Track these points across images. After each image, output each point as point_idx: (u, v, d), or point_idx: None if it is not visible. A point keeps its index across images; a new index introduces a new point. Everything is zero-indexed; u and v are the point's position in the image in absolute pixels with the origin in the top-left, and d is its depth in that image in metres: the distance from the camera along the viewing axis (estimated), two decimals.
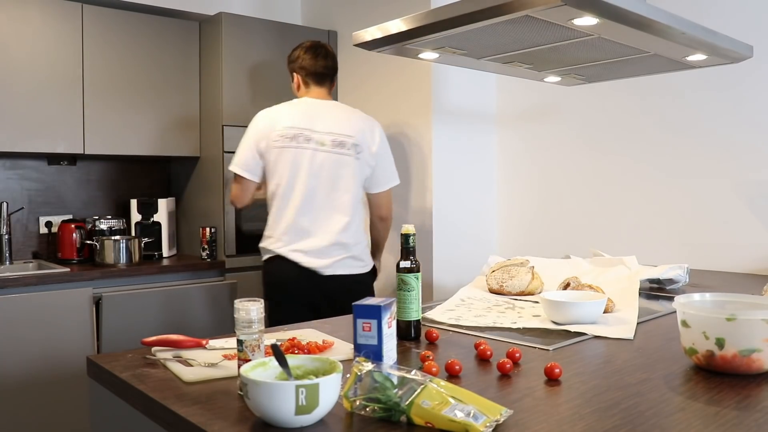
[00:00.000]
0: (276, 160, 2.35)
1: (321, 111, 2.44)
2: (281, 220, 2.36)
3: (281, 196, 2.36)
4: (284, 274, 2.36)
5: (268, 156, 2.36)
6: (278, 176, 2.35)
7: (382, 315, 1.17)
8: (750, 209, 2.36)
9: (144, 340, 1.36)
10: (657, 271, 2.05)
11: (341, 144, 2.40)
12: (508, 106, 3.14)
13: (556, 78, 2.08)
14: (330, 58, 2.53)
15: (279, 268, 2.37)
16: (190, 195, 3.35)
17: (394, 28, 1.56)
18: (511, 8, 1.33)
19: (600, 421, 0.93)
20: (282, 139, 2.35)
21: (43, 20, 2.80)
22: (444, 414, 0.88)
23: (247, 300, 1.09)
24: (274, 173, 2.37)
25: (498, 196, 3.21)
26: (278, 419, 0.89)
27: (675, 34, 1.52)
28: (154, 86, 3.09)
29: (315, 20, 3.56)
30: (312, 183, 2.35)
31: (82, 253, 2.98)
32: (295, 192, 2.35)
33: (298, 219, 2.35)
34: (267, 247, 2.40)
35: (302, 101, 2.49)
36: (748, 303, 1.24)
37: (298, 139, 2.35)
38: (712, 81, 2.42)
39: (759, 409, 0.98)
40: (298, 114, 2.40)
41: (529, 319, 1.63)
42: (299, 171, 2.35)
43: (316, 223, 2.36)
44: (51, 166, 3.15)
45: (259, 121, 2.42)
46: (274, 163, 2.36)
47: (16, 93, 2.74)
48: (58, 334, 2.57)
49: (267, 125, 2.38)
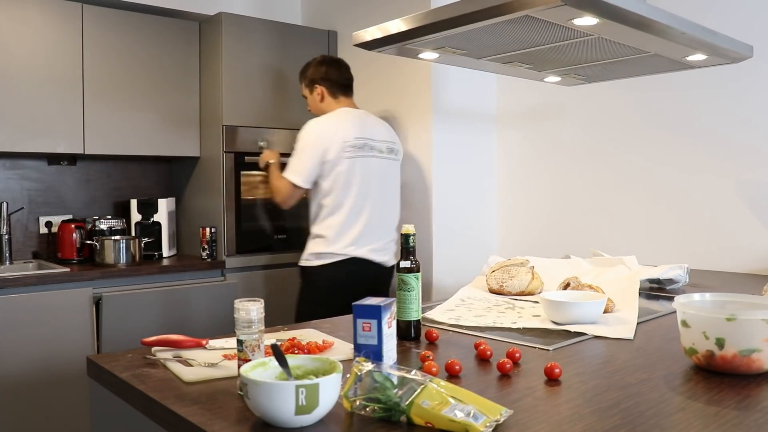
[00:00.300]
0: (349, 170, 2.53)
1: (367, 120, 2.68)
2: (355, 225, 2.54)
3: (354, 204, 2.54)
4: (357, 272, 2.56)
5: (339, 166, 2.51)
6: (351, 185, 2.53)
7: (382, 315, 1.17)
8: (750, 209, 2.36)
9: (144, 340, 1.36)
10: (657, 271, 2.04)
11: (391, 150, 2.71)
12: (508, 106, 3.14)
13: (556, 78, 2.08)
14: (348, 70, 2.76)
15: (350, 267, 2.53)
16: (190, 195, 3.35)
17: (394, 28, 1.56)
18: (511, 8, 1.33)
19: (600, 421, 0.93)
20: (353, 149, 2.54)
21: (43, 20, 2.80)
22: (444, 414, 0.88)
23: (247, 300, 1.09)
24: (345, 182, 2.53)
25: (498, 196, 3.21)
26: (278, 419, 0.89)
27: (675, 34, 1.52)
28: (154, 86, 3.09)
29: (315, 20, 3.56)
30: (379, 188, 2.62)
31: (82, 253, 2.98)
32: (368, 198, 2.57)
33: (372, 221, 2.58)
34: (336, 252, 2.52)
35: (347, 111, 2.66)
36: (748, 303, 1.24)
37: (364, 148, 2.58)
38: (712, 81, 2.42)
39: (759, 409, 0.98)
40: (358, 124, 2.61)
41: (529, 319, 1.63)
42: (371, 178, 2.59)
43: (383, 223, 2.65)
44: (51, 166, 3.15)
45: (320, 133, 2.54)
46: (347, 173, 2.52)
47: (16, 93, 2.74)
48: (58, 334, 2.57)
49: (331, 137, 2.53)
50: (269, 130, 3.19)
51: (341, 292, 2.45)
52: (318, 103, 2.73)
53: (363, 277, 2.56)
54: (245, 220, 3.13)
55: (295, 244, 3.31)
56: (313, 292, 2.57)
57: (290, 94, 3.27)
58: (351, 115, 2.65)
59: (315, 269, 2.55)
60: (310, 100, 2.77)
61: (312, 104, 2.77)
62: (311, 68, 2.74)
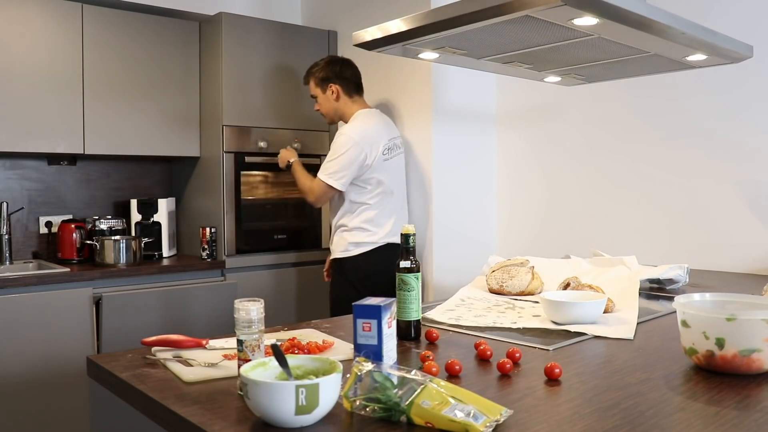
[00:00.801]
0: (385, 171, 2.71)
1: (386, 120, 2.85)
2: (391, 217, 2.75)
3: (388, 199, 2.74)
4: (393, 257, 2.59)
5: (376, 169, 2.68)
6: (386, 183, 2.71)
7: (382, 315, 1.17)
8: (750, 209, 2.36)
9: (144, 340, 1.36)
10: (657, 271, 2.04)
11: (401, 143, 2.87)
12: (508, 106, 3.14)
13: (556, 78, 2.08)
14: (354, 66, 2.83)
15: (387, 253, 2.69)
16: (190, 195, 3.35)
17: (394, 28, 1.56)
18: (511, 8, 1.33)
19: (600, 421, 0.93)
20: (388, 152, 2.73)
21: (43, 20, 2.80)
22: (444, 414, 0.88)
23: (247, 300, 1.09)
24: (381, 181, 2.70)
25: (498, 196, 3.21)
26: (278, 419, 0.89)
27: (675, 34, 1.52)
28: (154, 86, 3.09)
29: (315, 20, 3.56)
30: (402, 181, 2.85)
31: (82, 253, 2.98)
32: (396, 192, 2.79)
33: (399, 211, 2.81)
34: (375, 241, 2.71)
35: (372, 114, 2.79)
36: (748, 303, 1.24)
37: (393, 149, 2.77)
38: (712, 81, 2.42)
39: (759, 409, 0.98)
40: (384, 127, 2.78)
41: (529, 319, 1.63)
42: (399, 174, 2.82)
43: (405, 210, 2.90)
44: (51, 166, 3.15)
45: (360, 140, 2.65)
46: (383, 173, 2.70)
47: (16, 93, 2.74)
48: (58, 334, 2.57)
49: (371, 144, 2.66)
50: (269, 130, 3.19)
51: (379, 276, 2.63)
52: (332, 102, 2.78)
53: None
54: (245, 220, 3.13)
55: (295, 244, 3.32)
56: (352, 280, 2.69)
57: (290, 94, 3.27)
58: (377, 118, 2.79)
59: (354, 258, 2.70)
60: (323, 99, 2.79)
61: (324, 104, 2.80)
62: (322, 67, 2.77)
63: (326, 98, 2.78)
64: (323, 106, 2.81)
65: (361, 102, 2.82)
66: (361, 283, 2.67)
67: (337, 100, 2.77)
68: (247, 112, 3.14)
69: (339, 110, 2.79)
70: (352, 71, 2.79)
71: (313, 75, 2.79)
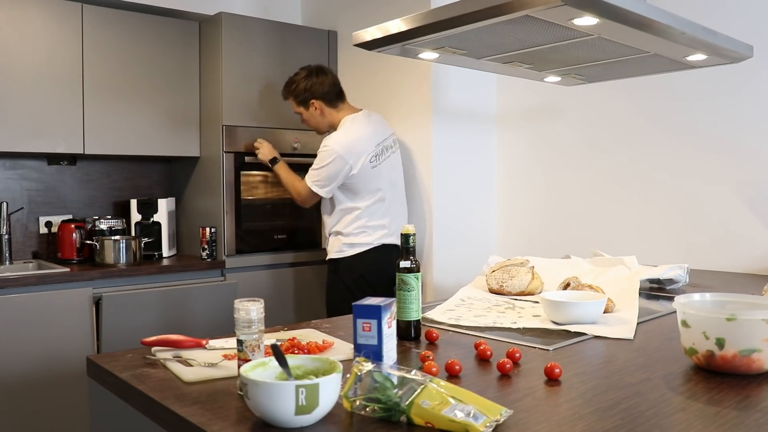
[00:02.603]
0: (374, 177, 2.70)
1: (374, 122, 2.80)
2: (384, 218, 2.74)
3: (379, 203, 2.73)
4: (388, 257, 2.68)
5: (365, 176, 2.67)
6: (376, 188, 2.71)
7: (382, 315, 1.17)
8: (750, 209, 2.36)
9: (144, 340, 1.36)
10: (657, 271, 2.04)
11: (394, 141, 2.86)
12: (508, 106, 3.14)
13: (556, 78, 2.08)
14: (334, 73, 2.84)
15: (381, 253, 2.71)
16: (190, 195, 3.35)
17: (394, 28, 1.56)
18: (511, 8, 1.33)
19: (600, 421, 0.93)
20: (375, 158, 2.71)
21: (43, 20, 2.79)
22: (444, 414, 0.88)
23: (247, 300, 1.09)
24: (370, 187, 2.70)
25: (498, 196, 3.21)
26: (278, 419, 0.89)
27: (675, 34, 1.52)
28: (154, 86, 3.09)
29: (315, 20, 3.56)
30: (396, 180, 2.83)
31: (82, 253, 2.98)
32: (390, 194, 2.77)
33: (393, 211, 2.79)
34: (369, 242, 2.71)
35: (357, 120, 2.76)
36: (748, 303, 1.24)
37: (383, 153, 2.75)
38: (712, 81, 2.42)
39: (759, 409, 0.98)
40: (371, 132, 2.74)
41: (529, 319, 1.63)
42: (393, 174, 2.80)
43: (401, 209, 2.88)
44: (51, 166, 3.15)
45: (343, 153, 2.64)
46: (372, 179, 2.70)
47: (16, 93, 2.74)
48: (58, 334, 2.57)
49: (356, 155, 2.65)
50: (269, 130, 3.19)
51: (373, 277, 2.67)
52: (318, 117, 2.81)
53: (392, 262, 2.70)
54: (245, 220, 3.13)
55: (294, 244, 3.32)
56: (346, 280, 2.70)
57: None
58: (363, 123, 2.76)
59: (347, 259, 2.71)
60: (308, 116, 2.82)
61: (310, 119, 2.84)
62: (299, 85, 2.78)
63: (311, 114, 2.81)
64: (310, 122, 2.86)
65: (346, 108, 2.82)
66: (354, 283, 2.69)
67: (322, 115, 2.80)
68: (247, 112, 3.14)
69: (326, 122, 2.83)
70: (330, 80, 2.79)
71: (292, 93, 2.82)
